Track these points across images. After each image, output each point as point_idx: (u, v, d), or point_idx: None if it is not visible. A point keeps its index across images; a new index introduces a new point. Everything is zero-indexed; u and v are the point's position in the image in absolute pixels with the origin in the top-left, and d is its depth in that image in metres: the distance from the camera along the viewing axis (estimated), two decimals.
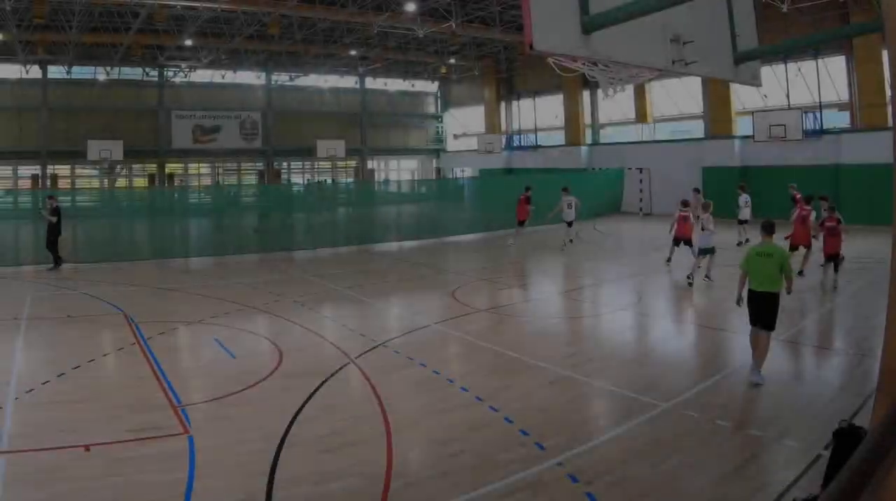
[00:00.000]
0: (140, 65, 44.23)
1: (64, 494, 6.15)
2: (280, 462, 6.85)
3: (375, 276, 18.61)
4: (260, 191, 32.62)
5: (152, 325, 12.80)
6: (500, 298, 15.91)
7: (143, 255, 22.50)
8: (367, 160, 54.52)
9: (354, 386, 9.39)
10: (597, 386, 9.26)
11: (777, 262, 9.06)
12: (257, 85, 50.00)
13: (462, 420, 7.98)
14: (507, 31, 37.20)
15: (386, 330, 12.65)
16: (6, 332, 12.32)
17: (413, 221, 30.31)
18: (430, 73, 52.14)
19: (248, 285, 17.19)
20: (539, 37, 6.02)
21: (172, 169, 48.07)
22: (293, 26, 37.07)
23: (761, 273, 9.17)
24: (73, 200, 32.02)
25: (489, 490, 6.26)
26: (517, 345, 11.30)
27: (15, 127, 42.77)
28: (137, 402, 8.57)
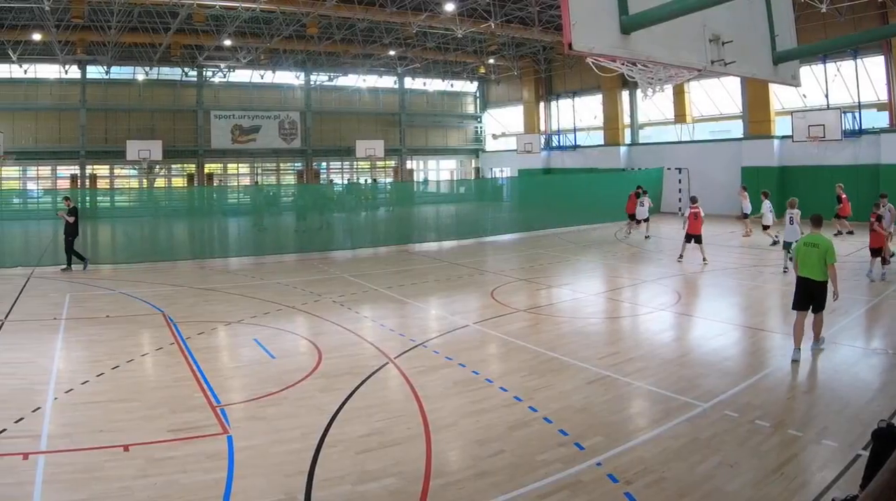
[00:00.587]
0: (179, 65, 44.45)
1: (103, 494, 6.20)
2: (319, 462, 6.89)
3: (414, 276, 18.60)
4: (299, 191, 32.63)
5: (192, 325, 12.93)
6: (539, 298, 15.87)
7: (182, 255, 22.60)
8: (406, 160, 54.54)
9: (393, 386, 9.41)
10: (636, 386, 9.24)
11: (822, 252, 9.88)
12: (296, 85, 50.07)
13: (501, 420, 7.99)
14: (547, 31, 37.16)
15: (425, 331, 12.67)
16: (45, 332, 12.42)
17: (452, 221, 30.32)
18: (469, 73, 52.02)
19: (288, 285, 17.27)
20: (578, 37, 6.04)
21: (211, 169, 48.31)
22: (332, 26, 37.20)
23: (806, 261, 10.10)
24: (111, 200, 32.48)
25: (528, 489, 6.28)
26: (556, 345, 11.31)
27: (54, 127, 43.22)
28: (176, 402, 8.64)
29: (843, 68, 30.01)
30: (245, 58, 42.13)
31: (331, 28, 37.56)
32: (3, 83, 41.86)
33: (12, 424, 7.74)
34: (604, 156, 42.63)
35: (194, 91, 47.12)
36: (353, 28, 37.59)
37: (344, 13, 33.66)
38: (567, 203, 30.39)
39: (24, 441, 7.33)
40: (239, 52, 41.85)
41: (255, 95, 48.81)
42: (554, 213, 23.34)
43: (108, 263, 21.40)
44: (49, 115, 43.11)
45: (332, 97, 51.21)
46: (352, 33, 39.12)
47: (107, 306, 14.83)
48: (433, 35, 40.51)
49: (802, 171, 30.53)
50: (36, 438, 7.41)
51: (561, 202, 30.77)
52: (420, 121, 54.96)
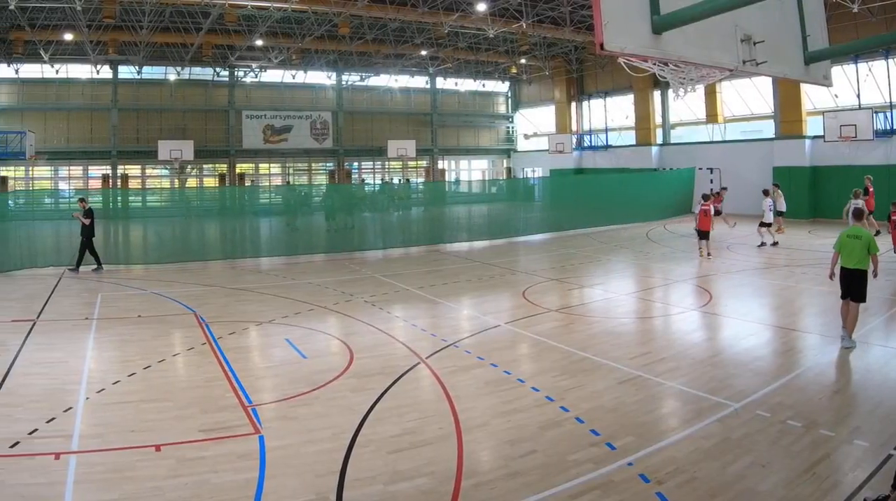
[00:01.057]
0: (210, 65, 44.66)
1: (134, 494, 6.23)
2: (350, 462, 6.90)
3: (446, 276, 18.59)
4: (330, 191, 32.67)
5: (223, 325, 13.00)
6: (570, 298, 15.82)
7: (213, 256, 22.70)
8: (437, 160, 54.60)
9: (425, 386, 9.41)
10: (668, 386, 9.21)
11: (865, 243, 10.47)
12: (328, 85, 50.22)
13: (533, 420, 7.98)
14: (578, 31, 37.11)
15: (457, 330, 12.66)
16: (77, 332, 12.50)
17: (484, 221, 30.25)
18: (501, 72, 52.02)
19: (319, 285, 17.31)
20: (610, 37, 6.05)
21: (243, 169, 48.55)
22: (364, 26, 37.36)
23: (852, 253, 10.58)
24: (143, 201, 32.76)
25: (560, 489, 6.28)
26: (588, 345, 11.29)
27: (86, 127, 43.61)
28: (208, 402, 8.68)
29: (874, 68, 29.79)
30: (277, 58, 42.26)
31: (362, 28, 37.70)
32: (35, 83, 42.33)
33: (44, 424, 7.79)
34: (635, 156, 42.64)
35: (226, 91, 47.38)
36: (384, 28, 37.75)
37: (375, 13, 33.68)
38: (598, 203, 30.32)
39: (56, 440, 7.37)
40: (270, 52, 42.00)
41: (286, 95, 49.00)
42: (585, 213, 23.22)
43: (139, 263, 21.55)
44: (81, 115, 43.50)
45: (363, 97, 51.32)
46: (383, 33, 39.29)
47: (138, 306, 14.91)
48: (465, 35, 40.55)
49: (834, 171, 30.31)
50: (67, 438, 7.46)
51: (592, 202, 30.70)
52: (452, 121, 54.99)
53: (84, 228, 19.52)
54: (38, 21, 34.53)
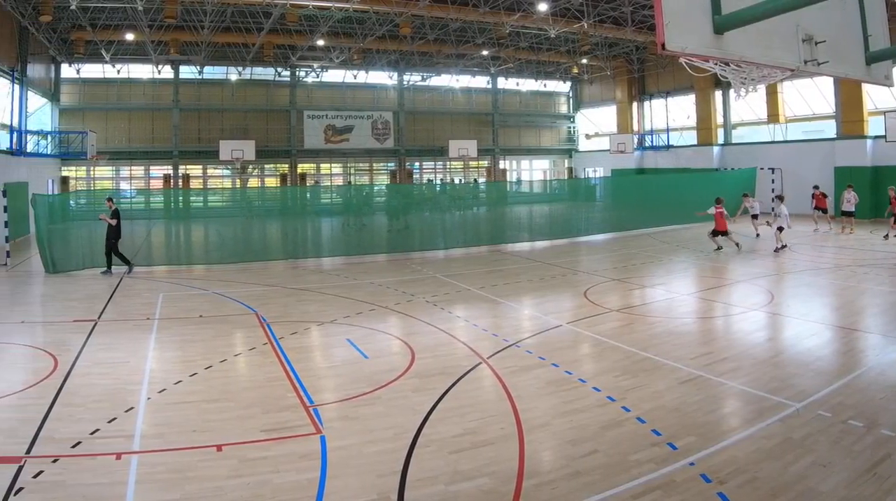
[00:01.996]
0: (272, 65, 45.00)
1: (196, 494, 6.29)
2: (412, 462, 6.92)
3: (507, 276, 18.55)
4: (392, 192, 32.87)
5: (284, 325, 13.08)
6: (631, 298, 15.75)
7: (275, 255, 22.87)
8: (498, 160, 54.48)
9: (486, 386, 9.41)
10: (729, 386, 9.15)
11: None
12: (389, 85, 50.40)
13: (594, 420, 7.98)
14: (640, 30, 36.90)
15: (518, 331, 12.66)
16: (139, 332, 12.65)
17: (545, 221, 30.24)
18: (563, 72, 51.77)
19: (381, 285, 17.37)
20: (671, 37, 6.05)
21: (304, 169, 48.75)
22: (425, 26, 37.34)
23: None
24: (204, 201, 33.16)
25: (621, 489, 6.27)
26: (649, 345, 11.25)
27: (147, 127, 44.22)
28: (269, 402, 8.74)
29: None
30: (338, 58, 42.48)
31: (424, 28, 37.70)
32: (96, 83, 42.93)
33: (105, 424, 7.89)
34: (697, 156, 42.53)
35: (287, 91, 47.64)
36: (446, 28, 37.67)
37: (437, 13, 33.78)
38: (660, 203, 30.14)
39: (118, 441, 7.47)
40: (332, 52, 42.24)
41: (347, 95, 49.21)
42: (647, 213, 23.05)
43: (201, 263, 21.78)
44: (142, 115, 44.14)
45: (425, 97, 51.38)
46: (445, 33, 39.22)
47: (200, 306, 15.08)
48: (526, 35, 40.50)
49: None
50: (129, 438, 7.55)
51: (654, 202, 30.56)
52: (513, 121, 54.78)
53: (110, 229, 19.42)
54: (99, 21, 35.00)
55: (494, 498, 6.22)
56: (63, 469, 6.71)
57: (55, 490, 6.28)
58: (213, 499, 6.22)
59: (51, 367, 10.11)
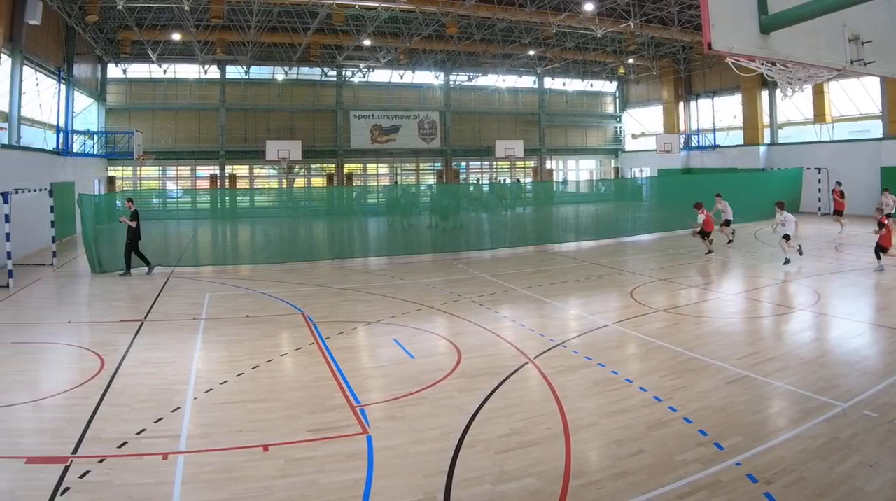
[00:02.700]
0: (318, 65, 45.17)
1: (242, 494, 6.33)
2: (458, 462, 6.94)
3: (554, 276, 18.51)
4: (440, 191, 32.86)
5: (331, 325, 13.14)
6: (678, 298, 15.65)
7: (321, 255, 22.93)
8: (545, 160, 54.32)
9: (533, 386, 9.42)
10: (775, 386, 9.11)
11: None
12: (436, 85, 50.44)
13: (641, 420, 7.98)
14: (686, 30, 36.67)
15: (564, 330, 12.67)
16: (185, 332, 12.76)
17: (591, 221, 30.17)
18: (609, 72, 51.58)
19: (427, 285, 17.40)
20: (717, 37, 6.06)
21: (351, 169, 48.90)
22: (471, 26, 37.34)
23: None
24: (251, 201, 33.39)
25: (668, 489, 6.28)
26: (695, 345, 11.23)
27: (194, 127, 44.53)
28: (316, 402, 8.78)
29: None
30: (384, 58, 42.56)
31: (470, 28, 37.70)
32: (143, 83, 43.36)
33: (152, 424, 7.95)
34: (743, 156, 42.25)
35: (334, 91, 47.80)
36: (492, 28, 37.68)
37: (483, 13, 33.76)
38: (706, 203, 29.82)
39: (164, 440, 7.53)
40: (378, 52, 42.33)
41: (394, 95, 49.27)
42: (693, 213, 22.77)
43: (247, 263, 21.90)
44: (188, 115, 44.44)
45: (471, 97, 51.32)
46: (491, 33, 39.23)
47: (246, 306, 15.17)
48: (573, 35, 40.37)
49: None
50: (175, 438, 7.61)
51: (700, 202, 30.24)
52: (559, 121, 54.58)
53: (130, 231, 19.31)
54: (145, 21, 35.33)
55: (541, 498, 6.22)
56: (109, 469, 6.77)
57: (101, 489, 6.34)
58: (260, 499, 6.26)
59: (97, 367, 10.22)
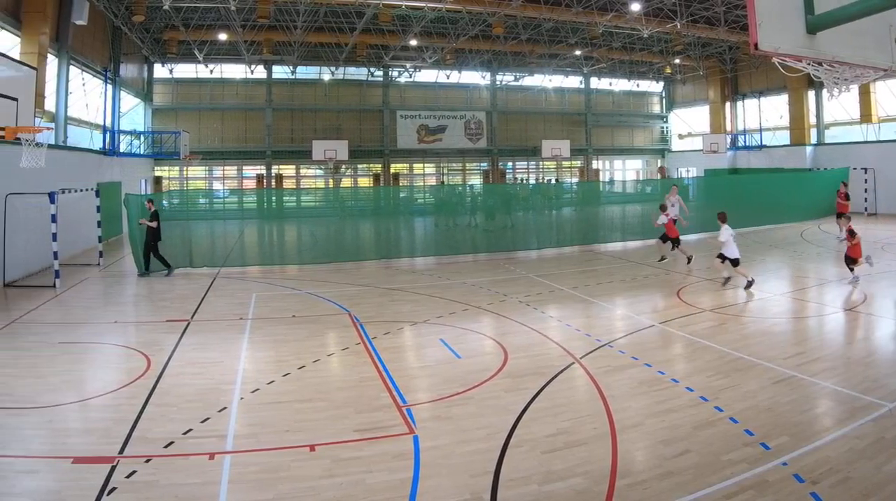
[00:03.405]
0: (365, 65, 45.41)
1: (289, 494, 6.36)
2: (505, 462, 6.95)
3: (600, 276, 18.46)
4: (485, 191, 32.80)
5: (377, 325, 13.18)
6: (724, 298, 15.47)
7: (367, 255, 22.98)
8: (591, 160, 54.24)
9: (579, 386, 9.42)
10: (822, 386, 9.06)
11: None
12: (482, 85, 50.50)
13: (687, 420, 7.97)
14: (732, 31, 36.45)
15: (611, 330, 12.65)
16: (231, 332, 12.83)
17: (637, 221, 29.82)
18: (655, 72, 51.45)
19: (473, 285, 17.38)
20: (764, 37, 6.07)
21: (397, 169, 49.09)
22: (518, 26, 37.37)
23: None
24: (297, 201, 33.51)
25: (714, 489, 6.27)
26: (742, 345, 11.16)
27: (240, 127, 44.97)
28: (362, 402, 8.81)
29: None
30: (431, 58, 42.72)
31: (517, 28, 37.72)
32: (189, 83, 43.88)
33: (198, 424, 8.02)
34: (789, 156, 42.06)
35: (380, 91, 48.02)
36: (538, 28, 37.67)
37: (530, 13, 33.76)
38: (753, 203, 29.59)
39: (211, 440, 7.59)
40: (425, 52, 42.50)
41: (440, 95, 49.45)
42: (740, 213, 22.59)
43: (293, 263, 21.96)
44: (235, 115, 44.91)
45: (517, 97, 51.28)
46: (537, 33, 39.19)
47: (293, 306, 15.24)
48: (619, 35, 40.35)
49: None
50: (222, 438, 7.67)
51: (747, 202, 29.95)
52: (606, 121, 54.44)
53: (150, 232, 19.22)
54: (192, 21, 35.73)
55: (587, 498, 6.23)
56: (156, 469, 6.84)
57: (148, 489, 6.40)
58: (306, 499, 6.29)
59: (144, 367, 10.33)
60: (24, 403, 8.72)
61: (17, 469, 6.85)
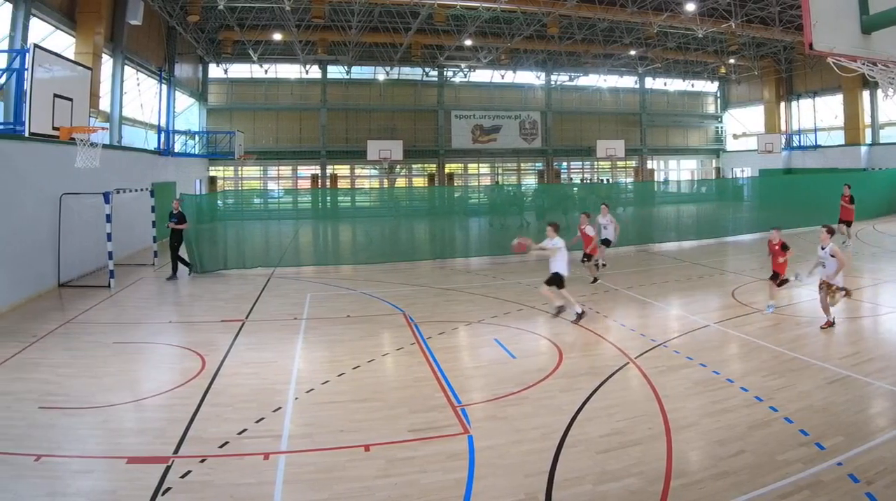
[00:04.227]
0: (419, 65, 45.46)
1: (344, 494, 6.42)
2: (559, 462, 6.97)
3: (655, 276, 18.39)
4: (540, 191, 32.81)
5: (432, 325, 13.23)
6: (779, 298, 15.12)
7: (422, 255, 22.98)
8: (646, 160, 53.95)
9: (634, 386, 9.43)
10: (877, 386, 9.01)
11: None
12: (537, 85, 50.31)
13: (742, 420, 7.97)
14: (787, 30, 36.10)
15: (665, 330, 12.63)
16: (286, 332, 12.89)
17: (692, 221, 29.91)
18: (710, 72, 51.06)
19: (528, 285, 17.27)
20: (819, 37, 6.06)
21: (452, 169, 49.12)
22: (573, 26, 37.30)
23: None
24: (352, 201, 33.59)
25: (769, 489, 6.28)
26: (796, 345, 11.15)
27: (295, 127, 45.22)
28: (417, 402, 8.87)
29: None
30: (486, 58, 42.65)
31: (571, 28, 37.62)
32: (244, 83, 44.25)
33: (253, 424, 8.11)
34: (844, 157, 41.69)
35: (435, 91, 48.13)
36: (593, 28, 37.60)
37: (584, 13, 33.67)
38: (807, 203, 29.14)
39: (265, 440, 7.67)
40: (480, 52, 42.46)
41: (495, 95, 49.41)
42: (794, 213, 22.25)
43: (348, 263, 22.02)
44: (289, 115, 45.14)
45: (572, 97, 51.08)
46: (592, 33, 39.10)
47: (347, 306, 15.29)
48: (674, 35, 40.09)
49: None
50: (277, 438, 7.75)
51: (801, 202, 29.53)
52: (660, 121, 54.11)
53: (176, 233, 19.08)
54: (246, 21, 36.03)
55: (642, 499, 6.26)
56: (211, 469, 6.94)
57: (203, 489, 6.50)
58: (361, 499, 6.35)
59: (198, 367, 10.48)
60: (79, 403, 8.87)
61: (73, 469, 6.98)
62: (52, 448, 7.41)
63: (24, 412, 8.56)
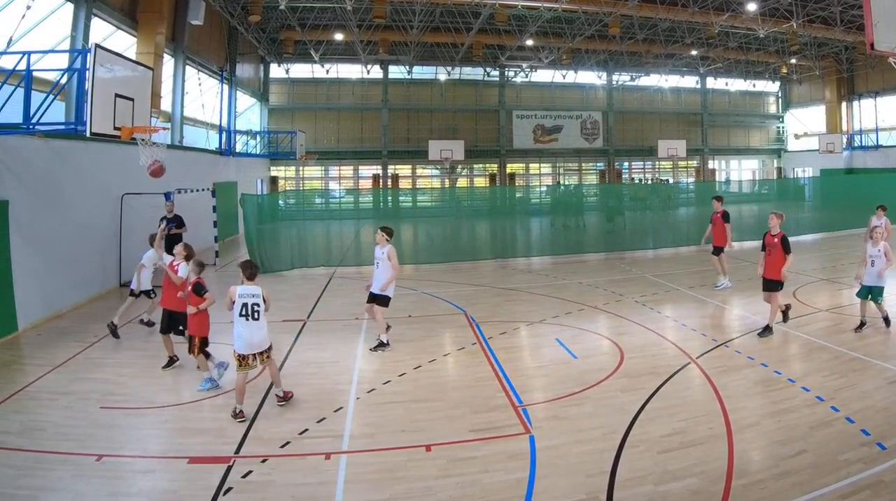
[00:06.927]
0: (481, 64, 45.57)
1: (405, 494, 6.46)
2: (620, 462, 6.98)
3: (715, 276, 17.94)
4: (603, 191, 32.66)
5: (493, 325, 13.25)
6: (840, 298, 15.14)
7: (483, 255, 22.99)
8: (707, 160, 53.56)
9: (695, 386, 9.40)
10: None
11: None
12: (598, 85, 50.29)
13: (803, 420, 7.92)
14: (849, 30, 35.76)
15: (726, 330, 12.62)
16: (348, 333, 12.98)
17: (754, 222, 29.20)
18: (771, 72, 50.60)
19: (589, 285, 17.36)
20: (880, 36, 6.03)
21: (513, 168, 49.20)
22: (634, 26, 37.09)
23: None
24: (413, 200, 33.71)
25: (830, 489, 6.25)
26: (858, 345, 11.06)
27: (356, 127, 45.57)
28: (478, 402, 8.89)
29: None
30: (547, 58, 42.62)
31: (633, 28, 37.42)
32: (305, 83, 44.63)
33: (314, 424, 8.18)
34: None
35: (496, 91, 48.23)
36: (654, 28, 37.36)
37: (646, 13, 33.60)
38: (869, 203, 28.46)
39: (327, 440, 7.73)
40: (541, 52, 42.44)
41: (556, 95, 49.41)
42: (856, 213, 21.78)
43: (410, 263, 21.96)
44: (351, 115, 45.51)
45: (633, 97, 50.96)
46: (654, 33, 38.85)
47: (409, 306, 15.26)
48: (735, 35, 39.77)
49: None
50: (338, 438, 7.80)
51: (863, 202, 28.84)
52: (721, 121, 53.70)
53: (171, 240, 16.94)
54: (308, 21, 36.33)
55: (703, 499, 6.24)
56: (272, 469, 7.01)
57: (264, 489, 6.57)
58: (422, 499, 6.38)
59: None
60: (140, 403, 9.03)
61: (135, 469, 7.10)
62: (114, 448, 7.53)
63: (86, 412, 8.70)
